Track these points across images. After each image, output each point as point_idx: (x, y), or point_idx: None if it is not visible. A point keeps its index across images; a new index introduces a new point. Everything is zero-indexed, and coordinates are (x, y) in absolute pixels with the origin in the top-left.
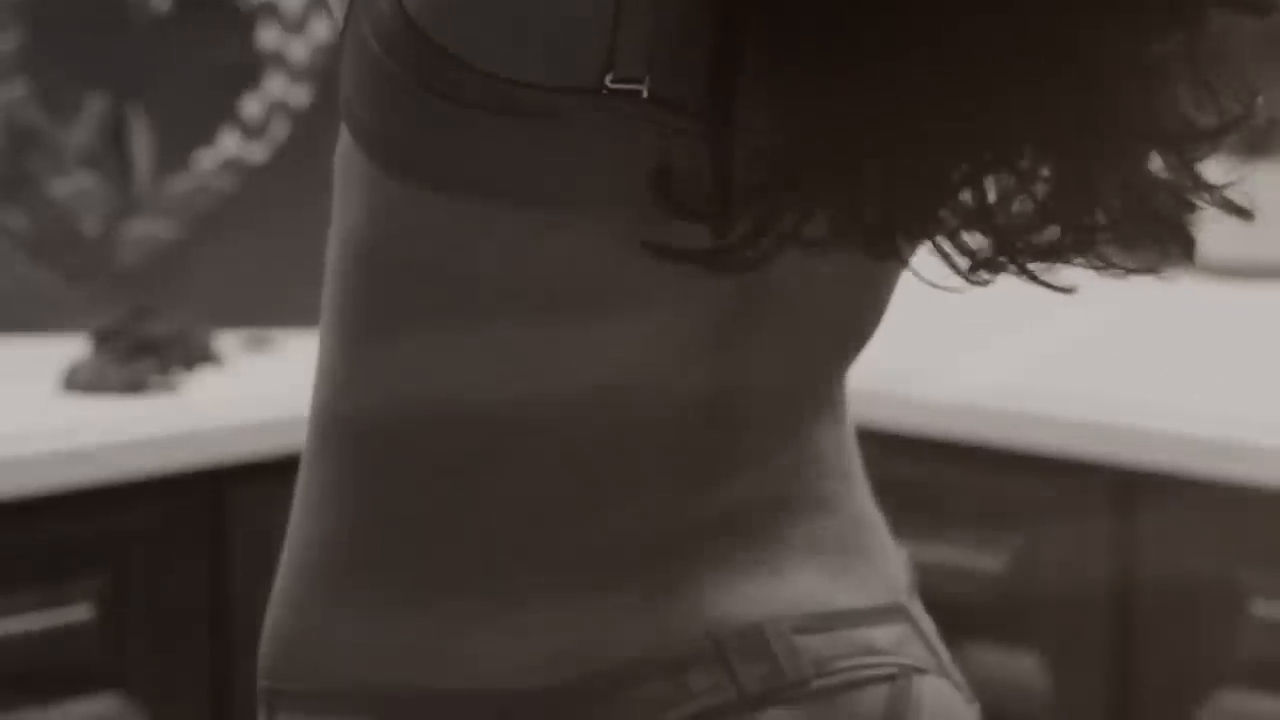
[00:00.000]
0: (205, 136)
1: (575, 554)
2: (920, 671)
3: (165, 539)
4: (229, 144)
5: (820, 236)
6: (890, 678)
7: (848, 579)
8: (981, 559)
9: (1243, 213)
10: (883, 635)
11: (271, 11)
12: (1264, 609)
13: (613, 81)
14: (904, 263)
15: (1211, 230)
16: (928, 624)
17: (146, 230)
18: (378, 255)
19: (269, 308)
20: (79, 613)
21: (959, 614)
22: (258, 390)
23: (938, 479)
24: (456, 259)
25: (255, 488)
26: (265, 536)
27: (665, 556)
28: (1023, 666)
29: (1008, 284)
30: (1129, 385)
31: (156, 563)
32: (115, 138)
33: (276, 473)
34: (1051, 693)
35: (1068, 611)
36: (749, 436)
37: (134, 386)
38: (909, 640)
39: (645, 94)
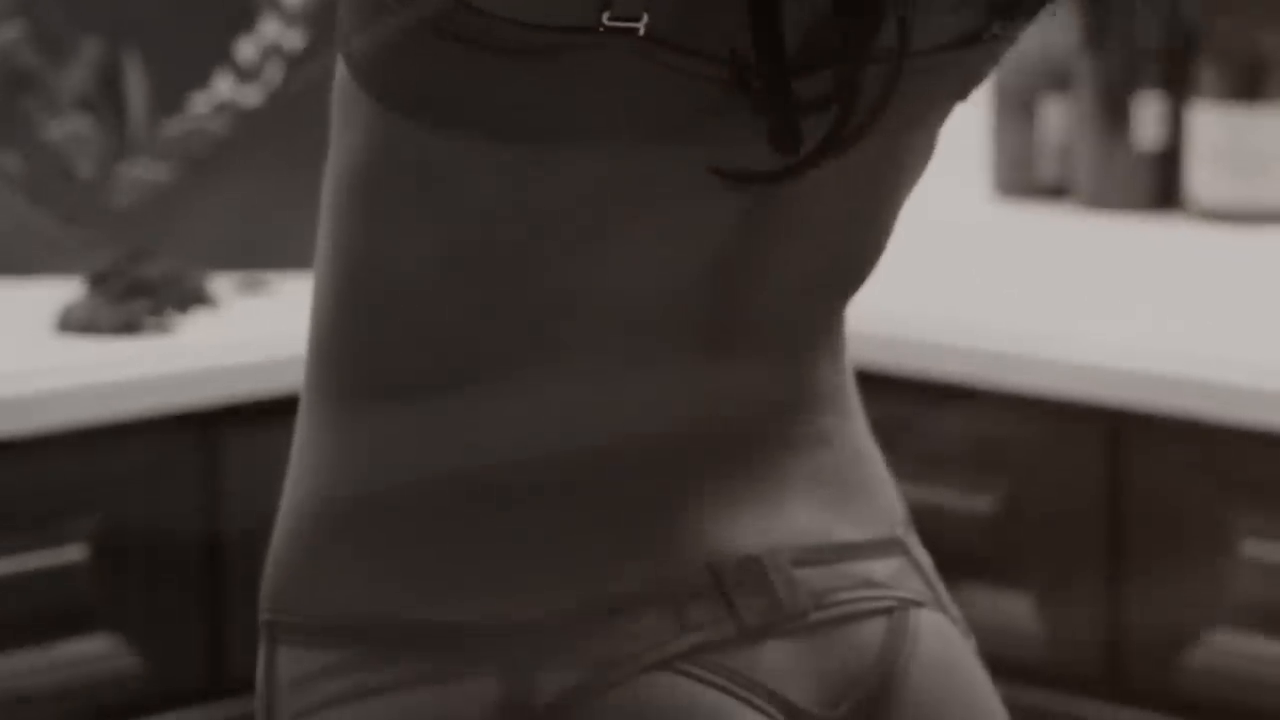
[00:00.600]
0: (200, 79)
1: (573, 487)
2: (917, 605)
3: (159, 480)
4: (223, 87)
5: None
6: (888, 611)
7: (846, 513)
8: (973, 501)
9: None
10: (880, 569)
11: None
12: (1255, 550)
13: (609, 19)
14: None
15: (1204, 174)
16: (924, 558)
17: (141, 173)
18: (375, 191)
19: (263, 250)
20: (72, 553)
21: (950, 556)
22: (252, 332)
23: (929, 421)
24: (454, 194)
25: (249, 429)
26: (259, 477)
27: (664, 490)
28: (1014, 608)
29: (1001, 227)
30: (1121, 327)
31: (150, 503)
32: (110, 81)
33: (270, 414)
34: (1042, 634)
35: (1059, 553)
36: (749, 370)
37: (128, 328)
38: (906, 574)
39: (642, 32)
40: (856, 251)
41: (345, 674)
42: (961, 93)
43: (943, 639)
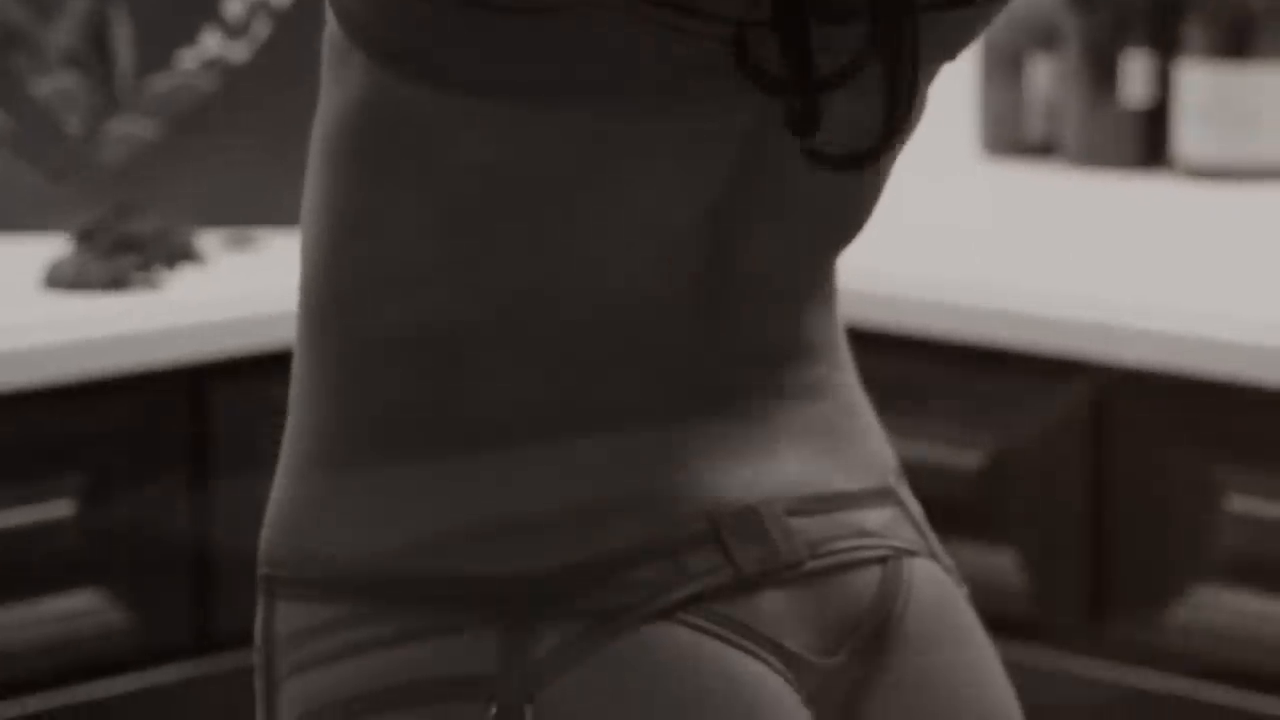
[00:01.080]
0: (187, 35)
1: (570, 439)
2: (911, 554)
3: (146, 435)
4: (211, 43)
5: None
6: (882, 560)
7: (839, 462)
8: (959, 457)
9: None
10: (874, 518)
11: None
12: (1239, 505)
13: None
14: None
15: (1192, 132)
16: (916, 508)
17: (128, 129)
18: (365, 146)
19: (251, 206)
20: (60, 509)
21: (936, 512)
22: (239, 287)
23: (916, 377)
24: (445, 151)
25: (236, 384)
26: (246, 432)
27: (661, 440)
28: (1000, 564)
29: (988, 181)
30: (1107, 283)
31: (137, 459)
32: (98, 37)
33: (258, 369)
34: (1028, 589)
35: (1045, 509)
36: (742, 322)
37: (116, 284)
38: (899, 523)
39: None
40: (848, 206)
41: (345, 628)
42: (951, 53)
43: (936, 587)
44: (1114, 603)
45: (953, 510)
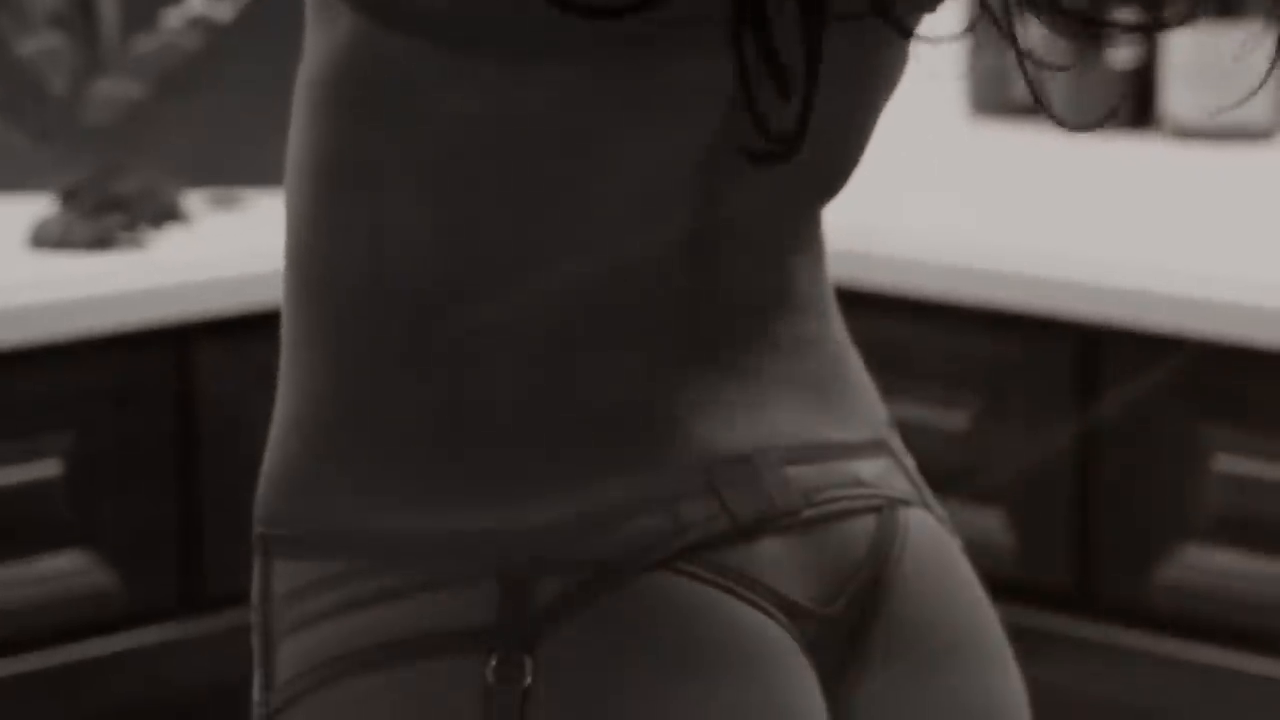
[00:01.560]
0: None
1: (563, 393)
2: (905, 504)
3: (132, 395)
4: (196, 2)
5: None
6: (877, 509)
7: (831, 414)
8: (946, 416)
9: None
10: (867, 468)
11: None
12: (1225, 464)
13: None
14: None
15: (1179, 92)
16: (908, 460)
17: (113, 89)
18: (349, 98)
19: (236, 166)
20: (46, 469)
21: (923, 472)
22: (225, 247)
23: (902, 336)
24: (431, 103)
25: (222, 344)
26: (232, 392)
27: (653, 394)
28: (986, 523)
29: (975, 142)
30: (1094, 242)
31: (123, 419)
32: None
33: (244, 329)
34: (1014, 549)
35: (1032, 468)
36: (731, 275)
37: (101, 243)
38: (893, 474)
39: None
40: (835, 158)
41: (343, 584)
42: (932, 4)
43: (932, 537)
44: (1101, 562)
45: (939, 470)
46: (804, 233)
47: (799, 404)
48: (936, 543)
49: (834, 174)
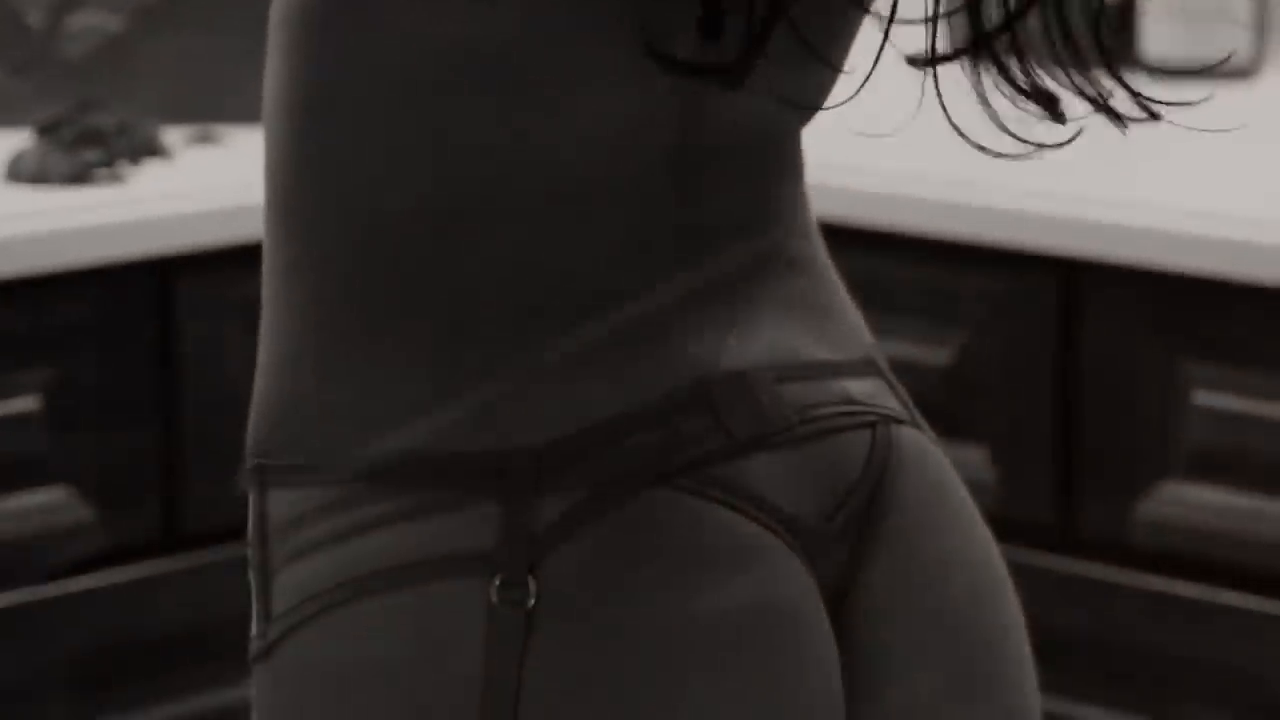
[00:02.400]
0: None
1: (554, 314)
2: (898, 422)
3: (112, 329)
4: None
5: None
6: (870, 425)
7: (820, 334)
8: (928, 353)
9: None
10: (858, 387)
11: None
12: (1206, 400)
13: None
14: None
15: (1157, 29)
16: (896, 382)
17: (91, 22)
18: (321, 22)
19: (215, 102)
20: (26, 404)
21: None
22: (204, 181)
23: (884, 272)
24: (404, 27)
25: (202, 277)
26: (212, 325)
27: (645, 314)
28: (968, 459)
29: (957, 80)
30: (1076, 177)
31: (104, 353)
32: None
33: (223, 262)
34: (997, 485)
35: (1013, 404)
36: (715, 196)
37: (79, 178)
38: (883, 393)
39: None
40: (812, 80)
41: (341, 510)
42: None
43: (925, 454)
44: (1082, 498)
45: (921, 407)
46: (784, 154)
47: (788, 324)
48: (930, 460)
49: (811, 95)
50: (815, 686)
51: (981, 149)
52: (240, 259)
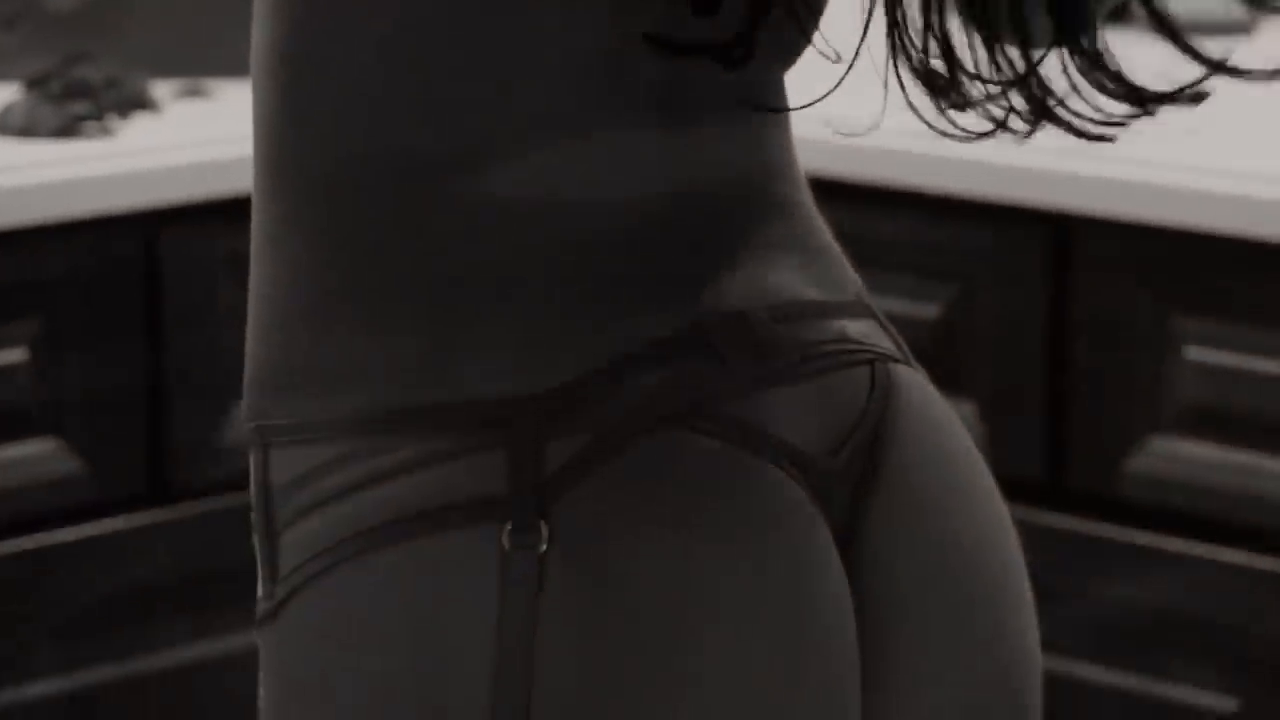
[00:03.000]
0: None
1: (553, 258)
2: (895, 360)
3: (99, 282)
4: None
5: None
6: (869, 363)
7: (812, 276)
8: (917, 308)
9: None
10: (854, 326)
11: None
12: (1197, 354)
13: None
14: None
15: None
16: (888, 323)
17: None
18: None
19: (204, 56)
20: (13, 356)
21: None
22: (192, 134)
23: (873, 227)
24: None
25: (189, 231)
26: (199, 279)
27: (644, 257)
28: (958, 414)
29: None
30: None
31: (91, 306)
32: None
33: (211, 216)
34: (986, 439)
35: (1003, 360)
36: (704, 139)
37: (67, 131)
38: (877, 334)
39: None
40: (790, 33)
41: (345, 465)
42: None
43: (923, 392)
44: (1072, 453)
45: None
46: (770, 98)
47: (781, 265)
48: (929, 397)
49: (794, 38)
50: (831, 624)
51: (940, 132)
52: (228, 212)
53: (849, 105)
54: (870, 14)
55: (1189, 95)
